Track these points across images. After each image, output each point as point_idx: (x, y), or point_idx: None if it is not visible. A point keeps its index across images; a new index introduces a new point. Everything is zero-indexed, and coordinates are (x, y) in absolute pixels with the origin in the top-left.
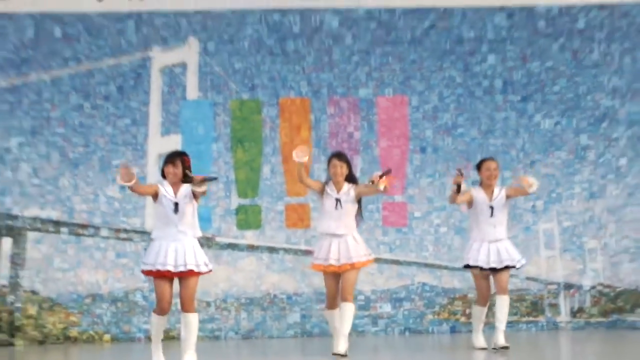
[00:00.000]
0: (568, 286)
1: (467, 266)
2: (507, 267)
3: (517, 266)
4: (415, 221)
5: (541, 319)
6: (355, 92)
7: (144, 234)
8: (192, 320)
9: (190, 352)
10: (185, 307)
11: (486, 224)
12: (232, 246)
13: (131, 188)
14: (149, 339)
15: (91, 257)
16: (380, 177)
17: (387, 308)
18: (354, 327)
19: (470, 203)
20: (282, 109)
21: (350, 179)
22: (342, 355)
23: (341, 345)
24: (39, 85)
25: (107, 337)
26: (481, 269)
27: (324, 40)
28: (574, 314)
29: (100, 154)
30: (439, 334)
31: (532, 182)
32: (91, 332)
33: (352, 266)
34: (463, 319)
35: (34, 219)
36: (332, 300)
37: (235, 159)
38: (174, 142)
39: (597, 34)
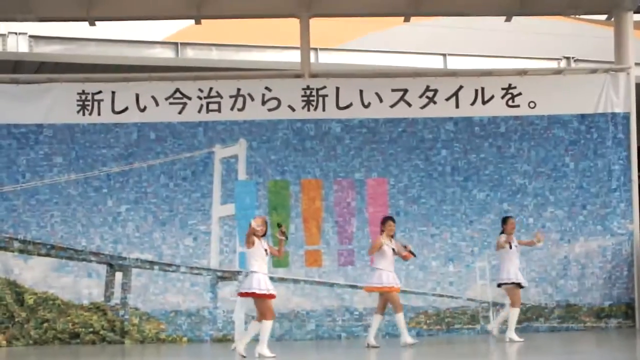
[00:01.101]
0: (495, 304)
1: (503, 284)
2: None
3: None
4: None
5: (477, 326)
6: (352, 175)
7: (209, 270)
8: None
9: (264, 345)
10: (267, 317)
11: (513, 257)
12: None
13: (254, 233)
14: (212, 340)
15: (173, 286)
16: (409, 251)
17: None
18: (351, 332)
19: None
20: (303, 187)
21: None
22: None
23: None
24: (140, 170)
25: (184, 339)
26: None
27: (330, 140)
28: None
29: (180, 216)
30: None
31: (541, 240)
32: (174, 336)
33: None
34: (425, 327)
35: (136, 259)
36: (382, 309)
37: (271, 220)
38: (230, 209)
39: (513, 135)
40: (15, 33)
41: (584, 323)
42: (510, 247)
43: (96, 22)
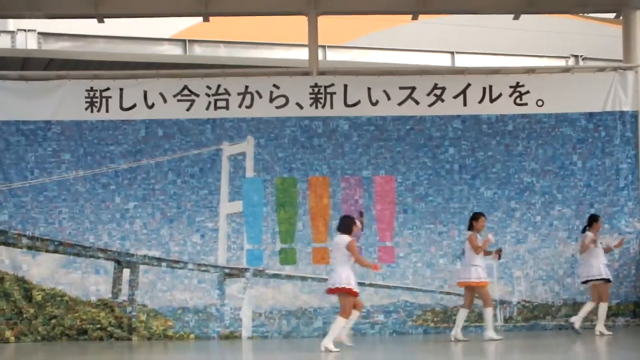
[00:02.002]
0: (502, 302)
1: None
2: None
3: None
4: (400, 259)
5: (484, 324)
6: (360, 172)
7: (217, 267)
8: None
9: (330, 339)
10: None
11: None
12: (276, 276)
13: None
14: (220, 337)
15: (181, 282)
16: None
17: (380, 317)
18: (358, 330)
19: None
20: (310, 184)
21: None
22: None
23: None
24: (147, 167)
25: (192, 336)
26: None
27: (338, 138)
28: (506, 320)
29: (188, 213)
30: (415, 335)
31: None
32: (181, 332)
33: None
34: (432, 324)
35: (144, 256)
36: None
37: (279, 218)
38: (238, 207)
39: (521, 134)
40: (24, 30)
41: (591, 321)
42: (596, 245)
43: (105, 19)
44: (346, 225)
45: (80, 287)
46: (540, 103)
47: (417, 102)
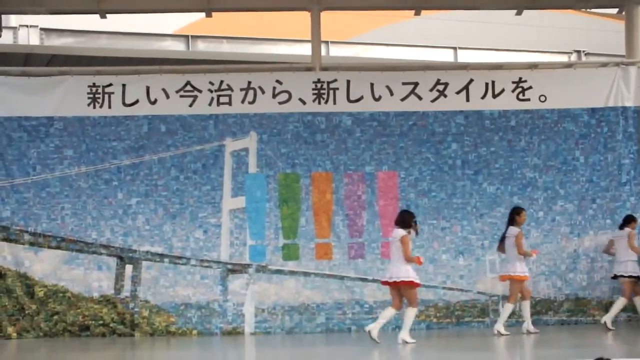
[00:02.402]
0: (505, 297)
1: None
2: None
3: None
4: None
5: (487, 319)
6: (363, 168)
7: (219, 262)
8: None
9: (406, 331)
10: (414, 304)
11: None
12: (279, 271)
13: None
14: (222, 333)
15: (184, 278)
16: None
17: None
18: (361, 325)
19: None
20: (313, 180)
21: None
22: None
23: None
24: (150, 163)
25: (194, 332)
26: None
27: (341, 133)
28: (508, 315)
29: (190, 209)
30: (418, 330)
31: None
32: (184, 328)
33: None
34: (434, 320)
35: (146, 252)
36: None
37: (282, 213)
38: (240, 202)
39: (523, 129)
40: (27, 26)
41: (592, 316)
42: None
43: (107, 15)
44: (404, 219)
45: (83, 283)
46: (542, 98)
47: (419, 98)
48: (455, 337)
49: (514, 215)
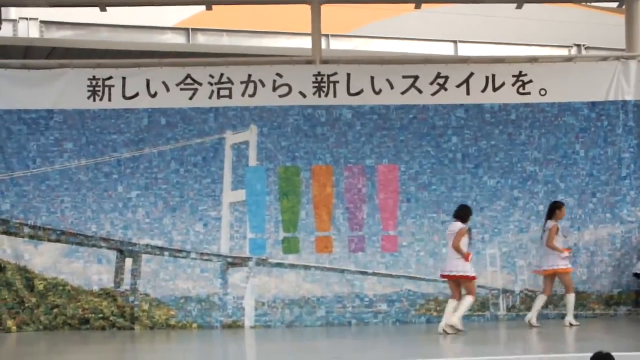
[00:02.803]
0: (505, 291)
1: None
2: None
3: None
4: (403, 248)
5: (487, 313)
6: (363, 161)
7: (219, 256)
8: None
9: (458, 317)
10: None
11: None
12: (279, 265)
13: None
14: (222, 326)
15: (184, 272)
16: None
17: (383, 306)
18: (361, 319)
19: None
20: (313, 173)
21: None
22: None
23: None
24: (150, 156)
25: (194, 325)
26: None
27: (341, 126)
28: (508, 309)
29: (190, 202)
30: (418, 324)
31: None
32: (184, 322)
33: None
34: (435, 313)
35: (146, 245)
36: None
37: (282, 206)
38: (241, 195)
39: (524, 123)
40: (26, 18)
41: (592, 310)
42: None
43: (107, 8)
44: (463, 212)
45: (83, 277)
46: (543, 92)
47: (420, 91)
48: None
49: (554, 209)
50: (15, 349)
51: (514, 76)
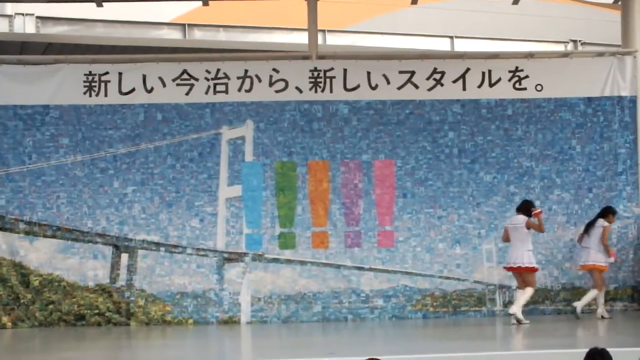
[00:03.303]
0: (501, 286)
1: None
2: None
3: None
4: (399, 243)
5: (484, 308)
6: (359, 156)
7: (216, 251)
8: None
9: (519, 306)
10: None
11: None
12: (275, 260)
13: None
14: (218, 322)
15: (180, 267)
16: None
17: (380, 302)
18: (357, 314)
19: None
20: (310, 168)
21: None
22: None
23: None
24: (146, 151)
25: (190, 321)
26: None
27: (338, 122)
28: (505, 304)
29: (187, 197)
30: (414, 319)
31: None
32: (180, 317)
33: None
34: (431, 309)
35: (143, 241)
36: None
37: (278, 202)
38: (237, 191)
39: (520, 118)
40: (22, 14)
41: (589, 306)
42: None
43: (103, 3)
44: (526, 206)
45: (78, 272)
46: (539, 88)
47: (416, 87)
48: (451, 326)
49: (609, 214)
50: (10, 345)
51: (510, 72)
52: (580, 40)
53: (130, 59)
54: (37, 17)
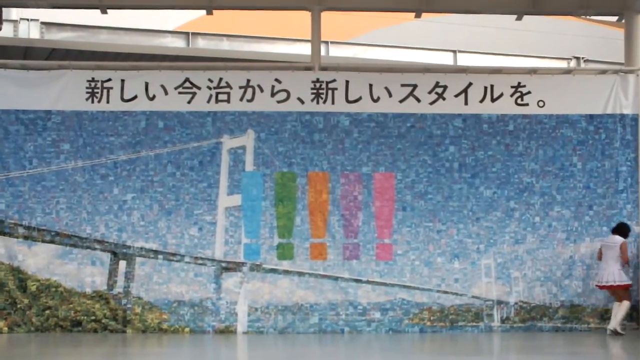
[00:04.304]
0: (499, 302)
1: None
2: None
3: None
4: (398, 257)
5: (481, 324)
6: (359, 169)
7: (214, 260)
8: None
9: (618, 321)
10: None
11: None
12: (273, 271)
13: None
14: (215, 331)
15: (177, 275)
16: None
17: (377, 315)
18: (354, 327)
19: None
20: (310, 179)
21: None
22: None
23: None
24: (147, 159)
25: (187, 329)
26: None
27: (339, 133)
28: (502, 320)
29: (186, 206)
30: (411, 333)
31: None
32: (176, 326)
33: None
34: (428, 323)
35: (141, 248)
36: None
37: (277, 212)
38: (236, 200)
39: (521, 134)
40: (27, 19)
41: (587, 324)
42: None
43: (108, 10)
44: (623, 229)
45: (76, 278)
46: (541, 104)
47: (418, 100)
48: (448, 341)
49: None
50: (6, 350)
51: (512, 87)
52: (583, 58)
53: (133, 66)
54: (42, 23)
